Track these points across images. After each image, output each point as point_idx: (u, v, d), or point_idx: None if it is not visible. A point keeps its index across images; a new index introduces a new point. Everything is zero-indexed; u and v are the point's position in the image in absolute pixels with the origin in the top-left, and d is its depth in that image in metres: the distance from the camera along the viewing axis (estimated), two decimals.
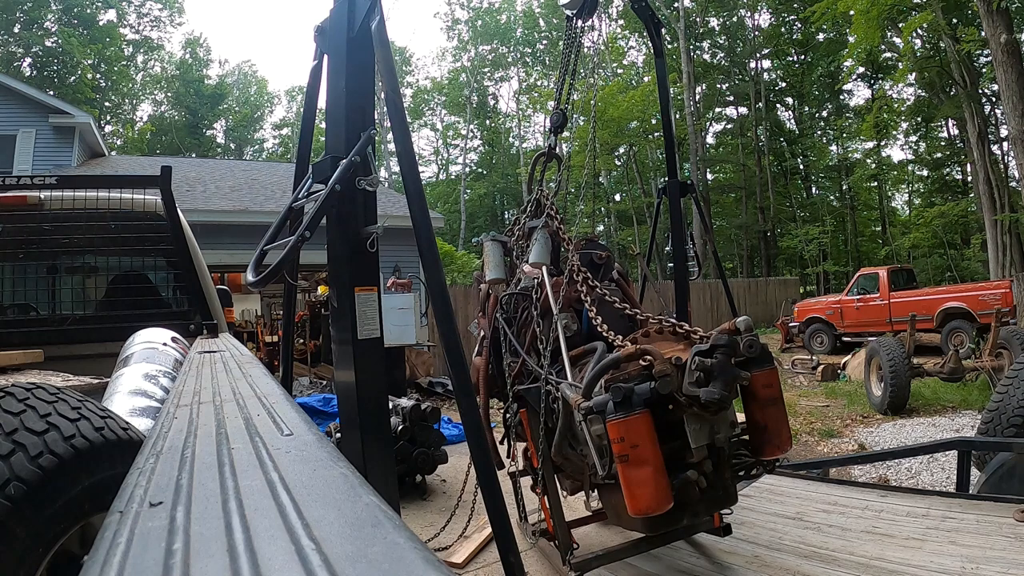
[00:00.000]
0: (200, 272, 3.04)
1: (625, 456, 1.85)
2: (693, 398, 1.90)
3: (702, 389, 1.87)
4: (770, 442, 2.09)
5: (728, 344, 1.94)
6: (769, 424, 2.07)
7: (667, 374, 1.91)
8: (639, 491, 1.85)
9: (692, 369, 1.91)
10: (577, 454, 2.36)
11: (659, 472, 1.85)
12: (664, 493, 1.86)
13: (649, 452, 1.85)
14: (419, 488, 4.59)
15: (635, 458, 1.84)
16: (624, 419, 1.85)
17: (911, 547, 2.50)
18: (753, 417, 2.10)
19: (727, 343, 1.94)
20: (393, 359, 8.76)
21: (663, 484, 1.86)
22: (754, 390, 2.05)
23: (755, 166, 27.60)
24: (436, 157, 40.29)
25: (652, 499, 1.85)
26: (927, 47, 19.71)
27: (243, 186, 12.59)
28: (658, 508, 1.86)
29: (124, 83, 30.99)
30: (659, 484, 1.85)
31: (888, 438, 6.39)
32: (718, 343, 1.94)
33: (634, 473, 1.85)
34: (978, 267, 20.48)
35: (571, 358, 2.40)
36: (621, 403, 1.86)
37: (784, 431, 2.09)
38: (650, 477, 1.84)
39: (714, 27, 29.32)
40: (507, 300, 2.84)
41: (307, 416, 0.88)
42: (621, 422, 1.85)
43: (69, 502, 1.17)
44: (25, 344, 2.52)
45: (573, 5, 3.14)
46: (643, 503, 1.85)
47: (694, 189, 4.36)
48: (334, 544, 0.41)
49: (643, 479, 1.84)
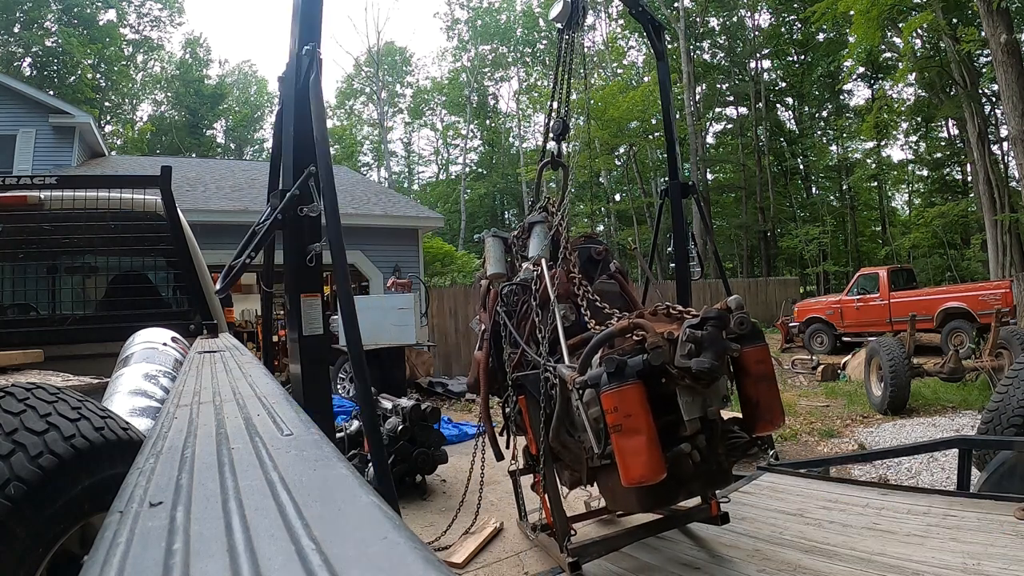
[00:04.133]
0: (200, 272, 3.04)
1: (619, 426, 1.88)
2: (685, 369, 1.93)
3: (693, 359, 1.90)
4: (762, 417, 2.12)
5: (718, 317, 1.97)
6: (761, 399, 2.10)
7: (659, 346, 1.94)
8: (632, 460, 1.88)
9: (683, 341, 1.94)
10: (575, 441, 2.38)
11: (652, 441, 1.88)
12: (657, 462, 1.88)
13: (642, 421, 1.87)
14: (419, 488, 4.59)
15: (628, 427, 1.87)
16: (618, 389, 1.88)
17: (912, 543, 2.50)
18: (745, 393, 2.13)
19: (717, 315, 1.98)
20: (393, 359, 8.75)
21: (656, 453, 1.88)
22: (746, 365, 2.08)
23: (755, 166, 27.60)
24: (436, 157, 40.36)
25: (645, 467, 1.87)
26: (927, 47, 19.71)
27: (243, 186, 12.59)
28: (652, 477, 1.88)
29: (124, 83, 30.99)
30: (652, 453, 1.87)
31: (888, 438, 6.38)
32: (708, 315, 1.97)
33: (628, 442, 1.88)
34: (978, 267, 20.48)
35: (569, 347, 2.42)
36: (614, 374, 1.89)
37: (776, 406, 2.12)
38: (643, 446, 1.86)
39: (714, 27, 29.32)
40: (507, 293, 2.86)
41: (307, 416, 0.88)
42: (615, 392, 1.88)
43: (69, 502, 1.17)
44: (25, 344, 2.52)
45: (562, 17, 3.23)
46: (637, 472, 1.88)
47: (695, 190, 4.36)
48: (334, 544, 0.41)
49: (637, 448, 1.87)
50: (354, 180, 16.61)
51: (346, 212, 11.82)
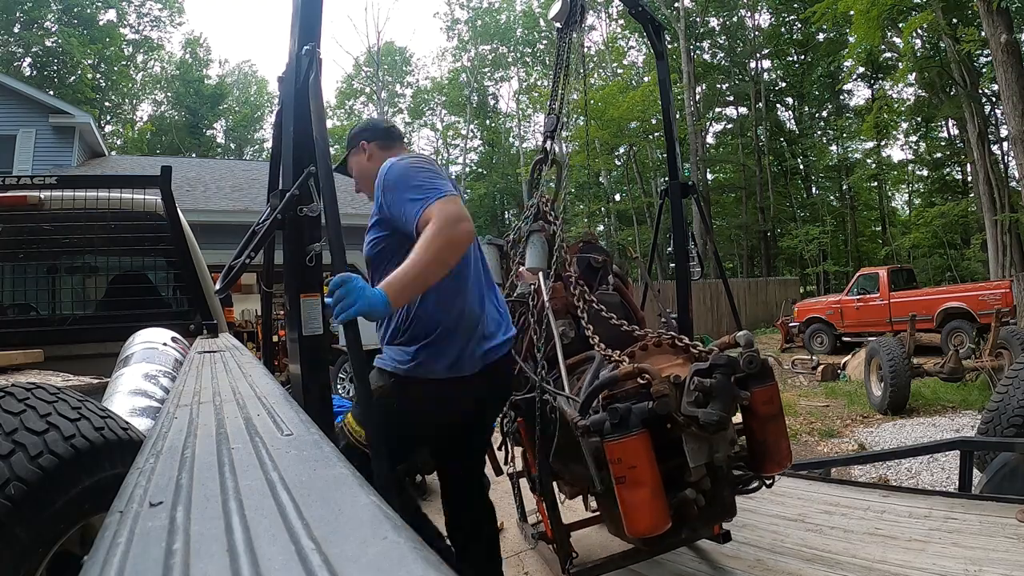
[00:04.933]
0: (200, 272, 3.04)
1: (622, 478, 1.82)
2: (692, 418, 1.87)
3: (701, 410, 1.84)
4: (770, 458, 2.07)
5: (727, 364, 1.90)
6: (768, 440, 2.05)
7: (665, 395, 1.88)
8: (636, 514, 1.83)
9: (691, 389, 1.87)
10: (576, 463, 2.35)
11: (656, 494, 1.83)
12: (662, 515, 1.84)
13: (647, 473, 1.82)
14: (419, 488, 4.59)
15: (632, 479, 1.82)
16: (621, 440, 1.82)
17: (914, 549, 2.50)
18: (752, 433, 2.08)
19: (727, 363, 1.90)
20: None
21: (660, 506, 1.83)
22: (753, 407, 2.02)
23: (755, 166, 27.60)
24: (436, 157, 40.31)
25: (649, 522, 1.83)
26: (927, 47, 19.71)
27: (243, 186, 12.58)
28: (655, 530, 1.84)
29: (124, 83, 30.98)
30: (656, 507, 1.82)
31: (888, 438, 6.39)
32: (718, 362, 1.90)
33: (631, 495, 1.83)
34: (978, 267, 20.48)
35: (568, 366, 2.37)
36: (618, 424, 1.83)
37: (784, 446, 2.07)
38: (647, 499, 1.81)
39: (714, 27, 29.32)
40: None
41: (307, 416, 0.88)
42: (618, 443, 1.82)
43: (69, 502, 1.17)
44: (25, 344, 2.52)
45: (560, 17, 3.20)
46: (640, 526, 1.84)
47: (695, 190, 4.34)
48: (334, 544, 0.41)
49: (640, 501, 1.82)
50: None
51: (346, 212, 11.81)
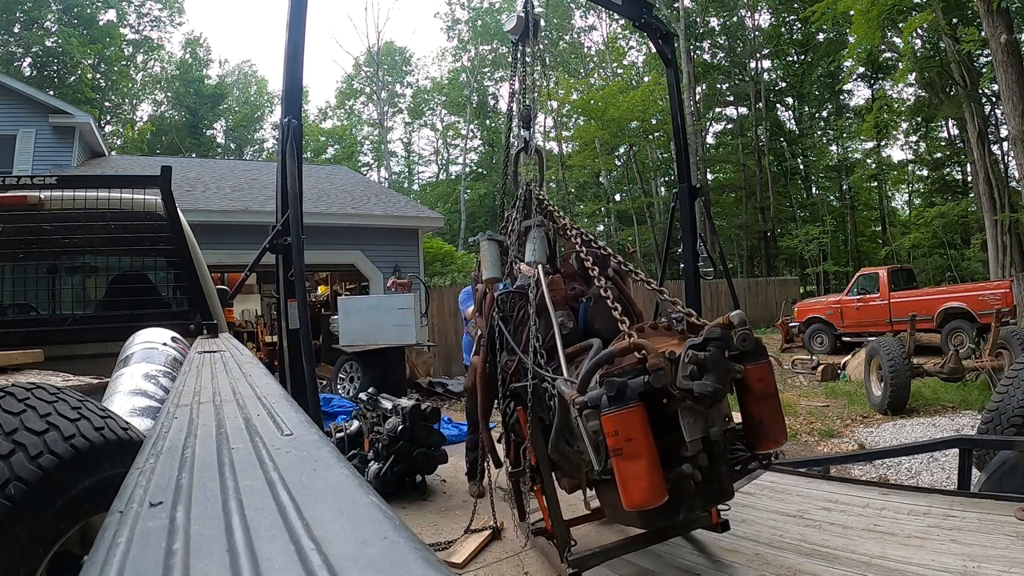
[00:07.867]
0: (200, 272, 3.04)
1: (619, 449, 1.86)
2: (687, 391, 1.91)
3: (696, 382, 1.88)
4: (765, 436, 2.10)
5: (721, 337, 1.94)
6: (764, 418, 2.08)
7: (661, 368, 1.92)
8: (634, 484, 1.86)
9: (686, 363, 1.92)
10: (574, 451, 2.37)
11: (653, 465, 1.86)
12: (659, 486, 1.87)
13: (643, 445, 1.85)
14: (419, 488, 4.59)
15: (629, 451, 1.85)
16: (618, 412, 1.86)
17: (913, 545, 2.50)
18: (748, 411, 2.11)
19: (720, 336, 1.95)
20: (393, 359, 8.74)
21: (657, 478, 1.86)
22: (748, 384, 2.06)
23: (755, 166, 27.58)
24: (436, 157, 40.30)
25: (647, 492, 1.85)
26: (927, 47, 19.70)
27: (243, 186, 12.59)
28: (653, 501, 1.86)
29: (124, 83, 30.96)
30: (653, 477, 1.85)
31: (888, 438, 6.38)
32: (711, 336, 1.95)
33: (628, 467, 1.86)
34: (978, 267, 20.46)
35: (567, 355, 2.40)
36: (615, 397, 1.86)
37: (779, 424, 2.11)
38: (644, 470, 1.84)
39: (714, 27, 29.30)
40: (503, 299, 2.85)
41: (307, 416, 0.87)
42: (615, 415, 1.86)
43: (69, 502, 1.17)
44: (25, 344, 2.51)
45: (516, 31, 3.53)
46: (638, 496, 1.86)
47: (702, 193, 4.47)
48: (334, 544, 0.41)
49: (637, 472, 1.85)
50: (354, 180, 16.60)
51: (346, 212, 11.89)
